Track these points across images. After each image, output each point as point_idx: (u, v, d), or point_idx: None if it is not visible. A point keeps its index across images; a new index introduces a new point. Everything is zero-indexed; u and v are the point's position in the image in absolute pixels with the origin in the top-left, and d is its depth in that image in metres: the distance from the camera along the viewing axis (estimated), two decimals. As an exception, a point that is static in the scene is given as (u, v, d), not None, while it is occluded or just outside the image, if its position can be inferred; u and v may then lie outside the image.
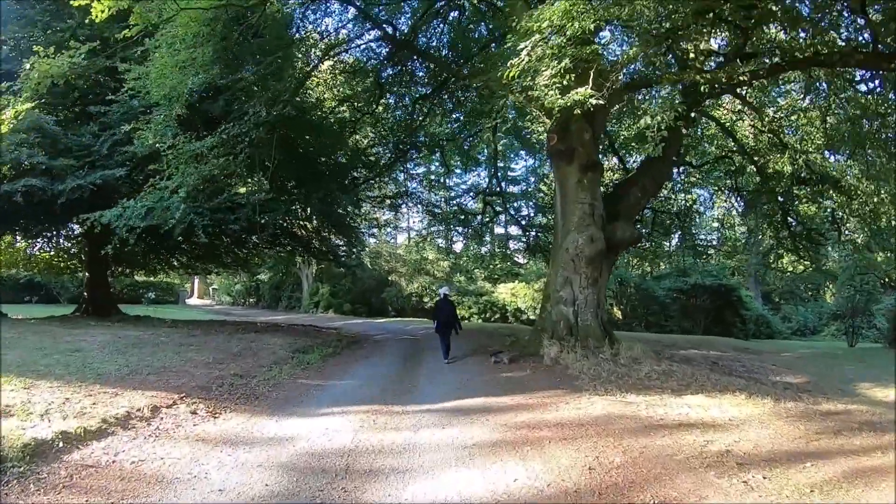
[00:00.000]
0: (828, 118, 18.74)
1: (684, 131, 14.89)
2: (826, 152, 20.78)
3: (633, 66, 15.16)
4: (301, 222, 24.28)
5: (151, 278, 43.30)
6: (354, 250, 28.18)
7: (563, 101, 9.96)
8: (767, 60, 13.79)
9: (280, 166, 19.46)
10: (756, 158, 20.91)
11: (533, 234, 25.94)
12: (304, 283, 45.78)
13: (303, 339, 17.72)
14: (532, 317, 37.52)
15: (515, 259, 38.11)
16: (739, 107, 21.91)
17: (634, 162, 22.75)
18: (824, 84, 17.68)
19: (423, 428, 7.96)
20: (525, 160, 30.87)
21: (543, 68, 10.13)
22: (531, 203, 26.91)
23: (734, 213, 26.26)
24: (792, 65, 13.93)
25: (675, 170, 21.71)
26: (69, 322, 19.60)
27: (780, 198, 21.30)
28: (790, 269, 43.92)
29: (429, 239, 40.75)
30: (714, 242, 34.24)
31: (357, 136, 22.59)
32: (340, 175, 20.62)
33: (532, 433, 7.69)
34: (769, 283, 45.02)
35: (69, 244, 27.13)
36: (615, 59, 14.56)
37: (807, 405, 9.82)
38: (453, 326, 14.68)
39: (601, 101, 10.64)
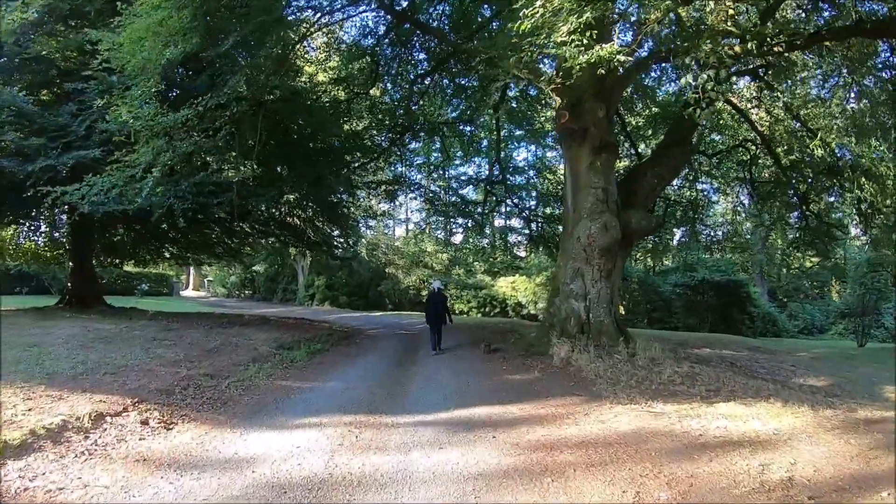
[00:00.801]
0: (850, 104, 17.32)
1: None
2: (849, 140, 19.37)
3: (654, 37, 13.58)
4: (293, 210, 23.01)
5: (144, 269, 42.26)
6: (349, 241, 26.75)
7: (586, 58, 8.42)
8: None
9: (267, 148, 18.03)
10: (777, 148, 19.49)
11: (536, 224, 24.23)
12: (300, 276, 44.29)
13: (290, 334, 16.27)
14: (533, 311, 36.09)
15: (516, 252, 36.43)
16: (754, 94, 20.42)
17: (645, 151, 21.17)
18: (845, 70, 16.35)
19: (416, 448, 6.47)
20: (528, 149, 29.01)
21: (560, 23, 8.56)
22: (534, 193, 25.18)
23: (744, 206, 24.60)
24: (833, 34, 12.37)
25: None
26: (45, 314, 18.13)
27: (800, 189, 19.84)
28: (796, 265, 42.91)
29: (427, 231, 39.16)
30: (722, 237, 32.54)
31: (352, 119, 20.93)
32: (333, 158, 19.01)
33: (551, 457, 6.20)
34: (774, 279, 43.62)
35: (57, 233, 25.64)
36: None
37: (844, 413, 8.65)
38: (444, 318, 14.67)
39: (629, 59, 9.11)
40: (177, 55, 12.80)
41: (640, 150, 20.19)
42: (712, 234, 24.10)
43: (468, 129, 23.92)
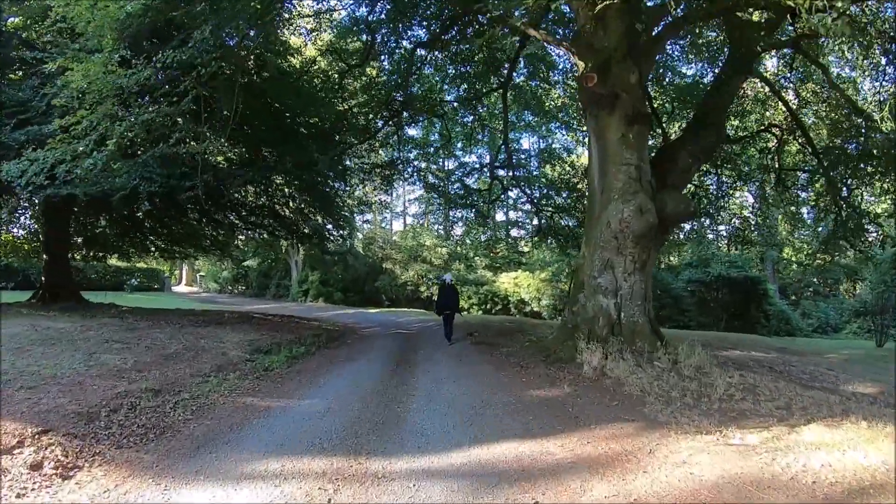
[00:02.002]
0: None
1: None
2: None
3: None
4: (280, 198, 21.12)
5: (135, 264, 40.64)
6: (342, 233, 24.58)
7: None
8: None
9: (250, 128, 15.84)
10: (812, 131, 17.44)
11: (545, 215, 21.83)
12: (293, 271, 42.07)
13: (272, 335, 14.05)
14: (536, 308, 34.11)
15: (521, 246, 34.33)
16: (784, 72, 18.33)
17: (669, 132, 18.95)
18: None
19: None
20: (537, 133, 26.34)
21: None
22: (542, 180, 22.79)
23: (769, 196, 22.33)
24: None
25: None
26: (5, 310, 15.87)
27: (838, 177, 17.72)
28: (808, 262, 40.80)
29: (426, 224, 36.96)
30: (735, 229, 30.23)
31: (344, 97, 18.59)
32: (322, 140, 16.72)
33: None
34: (785, 276, 41.52)
35: (29, 222, 23.62)
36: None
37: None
38: (455, 311, 15.03)
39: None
40: (137, 9, 10.49)
41: (665, 130, 17.88)
42: (736, 225, 21.73)
43: (469, 117, 21.77)
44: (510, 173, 21.02)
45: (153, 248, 24.80)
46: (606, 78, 11.22)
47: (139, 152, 13.28)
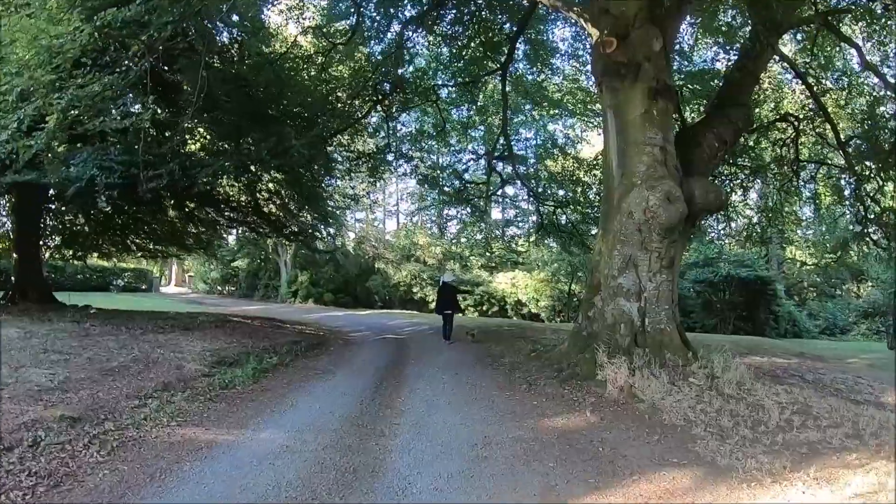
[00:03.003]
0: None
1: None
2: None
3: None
4: (263, 192, 19.54)
5: (123, 264, 38.68)
6: (329, 231, 22.87)
7: None
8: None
9: (221, 109, 14.07)
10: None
11: (546, 209, 19.98)
12: (282, 271, 40.18)
13: (244, 342, 12.33)
14: (535, 310, 32.49)
15: (518, 244, 32.62)
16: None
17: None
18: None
19: None
20: (535, 126, 24.37)
21: None
22: (544, 172, 20.98)
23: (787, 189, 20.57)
24: None
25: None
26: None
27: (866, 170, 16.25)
28: (812, 261, 39.24)
29: (419, 223, 35.26)
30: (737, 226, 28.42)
31: (327, 79, 16.76)
32: (301, 122, 14.91)
33: None
34: (788, 276, 39.84)
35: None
36: None
37: None
38: (455, 309, 15.20)
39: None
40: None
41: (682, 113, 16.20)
42: (752, 221, 19.96)
43: (465, 105, 20.01)
44: (509, 166, 19.24)
45: (134, 248, 23.21)
46: (626, 44, 9.61)
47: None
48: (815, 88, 16.49)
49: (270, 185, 19.55)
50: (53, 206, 19.14)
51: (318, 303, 36.13)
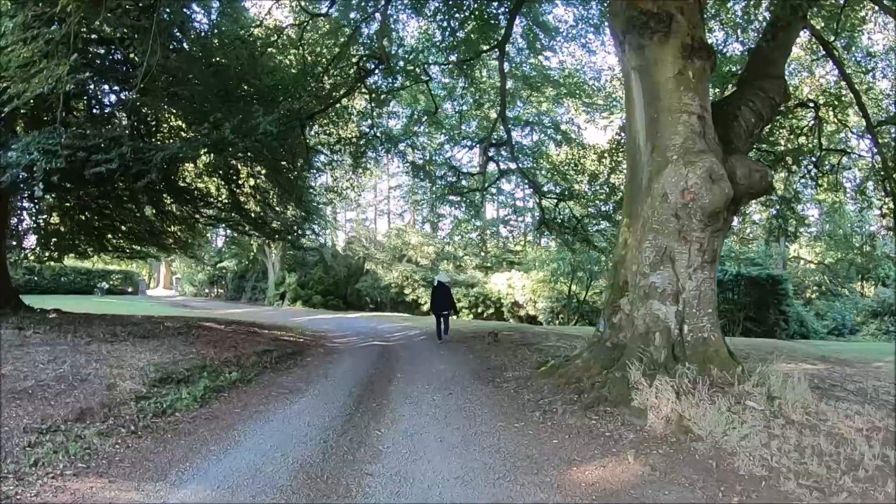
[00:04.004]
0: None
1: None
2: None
3: None
4: (240, 185, 17.68)
5: (108, 266, 37.64)
6: (314, 227, 21.00)
7: None
8: None
9: (184, 86, 12.25)
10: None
11: (550, 202, 18.01)
12: (270, 272, 38.24)
13: (203, 353, 10.40)
14: (532, 312, 30.63)
15: (514, 244, 30.87)
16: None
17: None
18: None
19: None
20: (535, 106, 22.02)
21: None
22: (546, 162, 19.04)
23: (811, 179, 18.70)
24: None
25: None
26: None
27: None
28: (819, 259, 37.61)
29: (411, 220, 33.39)
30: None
31: (304, 55, 14.78)
32: (273, 102, 12.95)
33: None
34: (793, 275, 38.16)
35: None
36: None
37: None
38: (449, 310, 15.10)
39: None
40: None
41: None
42: (775, 214, 18.09)
43: (457, 92, 18.14)
44: (507, 157, 17.31)
45: (111, 248, 21.40)
46: (656, -5, 7.80)
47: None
48: (836, 73, 15.09)
49: (251, 180, 17.89)
50: (26, 206, 17.56)
51: (307, 305, 34.36)
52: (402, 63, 15.39)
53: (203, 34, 13.78)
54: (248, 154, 13.99)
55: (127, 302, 32.74)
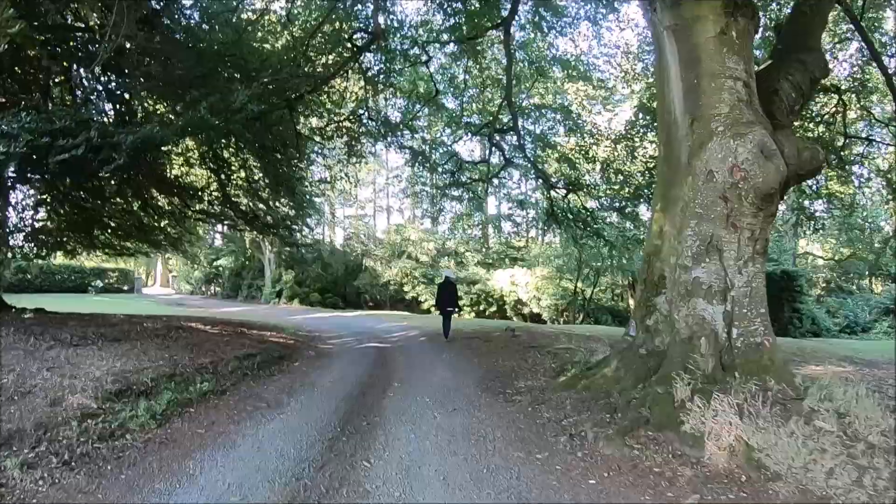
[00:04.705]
0: None
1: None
2: None
3: None
4: (229, 176, 16.62)
5: (106, 264, 37.40)
6: (308, 222, 19.80)
7: None
8: None
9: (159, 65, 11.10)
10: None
11: (558, 193, 16.67)
12: (266, 270, 36.97)
13: (176, 359, 9.17)
14: (536, 310, 29.38)
15: (518, 240, 29.61)
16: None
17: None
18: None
19: None
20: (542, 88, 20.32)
21: None
22: (554, 152, 17.67)
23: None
24: None
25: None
26: None
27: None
28: (831, 255, 36.50)
29: (410, 215, 32.18)
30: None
31: (292, 32, 13.50)
32: (259, 81, 11.70)
33: None
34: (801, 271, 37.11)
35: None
36: None
37: None
38: (454, 306, 14.81)
39: None
40: None
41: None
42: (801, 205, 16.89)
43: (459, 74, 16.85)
44: (514, 140, 15.98)
45: (99, 245, 20.30)
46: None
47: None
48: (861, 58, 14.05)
49: (242, 172, 16.79)
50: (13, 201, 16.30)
51: (304, 303, 33.17)
52: (398, 40, 14.08)
53: (185, 12, 12.63)
54: (232, 139, 12.77)
55: (120, 300, 31.56)
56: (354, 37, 12.90)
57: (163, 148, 13.25)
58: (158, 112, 14.04)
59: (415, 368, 9.92)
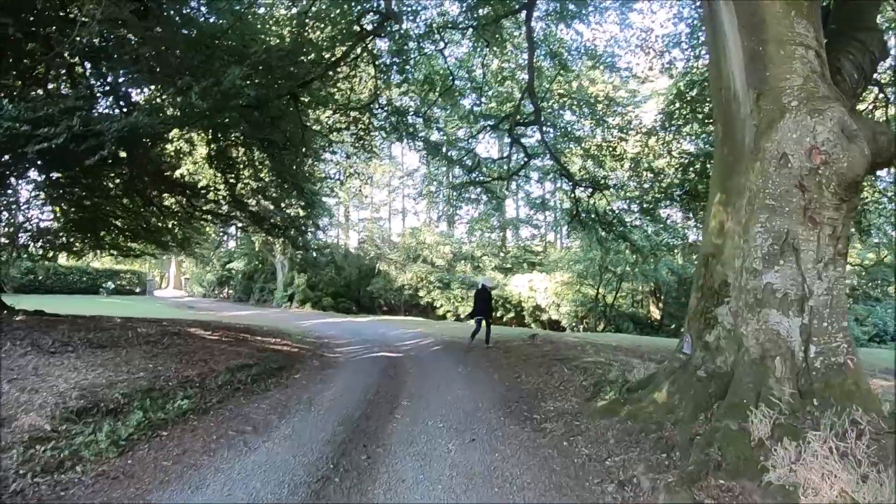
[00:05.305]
0: None
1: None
2: None
3: None
4: (236, 175, 15.83)
5: (119, 266, 38.51)
6: (318, 223, 18.86)
7: None
8: None
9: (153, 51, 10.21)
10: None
11: (585, 192, 15.44)
12: (279, 273, 36.12)
13: (160, 370, 8.18)
14: (555, 316, 28.26)
15: (536, 244, 28.51)
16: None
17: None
18: None
19: None
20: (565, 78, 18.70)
21: None
22: (578, 147, 16.40)
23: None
24: None
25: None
26: None
27: None
28: (858, 261, 34.93)
29: (425, 218, 31.21)
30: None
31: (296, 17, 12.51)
32: (260, 67, 10.69)
33: None
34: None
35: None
36: None
37: None
38: (488, 315, 14.17)
39: None
40: None
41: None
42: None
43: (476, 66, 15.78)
44: (537, 133, 14.83)
45: (106, 246, 19.60)
46: None
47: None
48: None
49: (247, 171, 16.02)
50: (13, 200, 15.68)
51: (316, 308, 32.28)
52: (411, 23, 13.02)
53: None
54: (234, 133, 11.82)
55: (129, 303, 30.85)
56: (364, 20, 11.83)
57: (159, 140, 12.40)
58: (154, 103, 13.23)
59: (427, 383, 8.85)
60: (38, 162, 10.64)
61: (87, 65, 12.71)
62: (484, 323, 13.94)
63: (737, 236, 5.39)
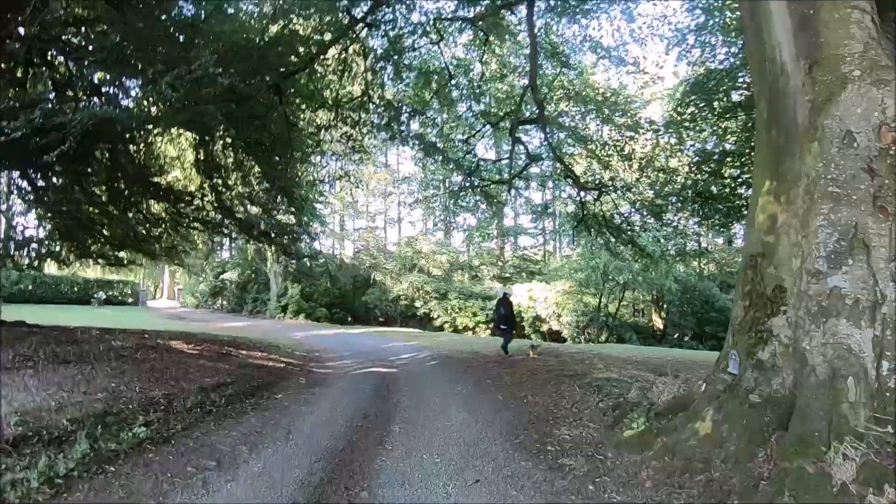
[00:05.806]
0: None
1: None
2: None
3: None
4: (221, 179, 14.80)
5: (112, 276, 36.12)
6: (308, 230, 18.01)
7: None
8: None
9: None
10: None
11: (591, 195, 14.52)
12: (272, 284, 35.23)
13: (122, 389, 7.33)
14: (556, 326, 27.46)
15: (535, 252, 27.72)
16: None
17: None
18: None
19: None
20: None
21: None
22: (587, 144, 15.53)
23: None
24: None
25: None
26: None
27: None
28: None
29: (422, 227, 30.49)
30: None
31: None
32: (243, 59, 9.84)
33: None
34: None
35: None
36: None
37: None
38: (510, 324, 14.29)
39: None
40: None
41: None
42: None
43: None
44: (539, 132, 14.00)
45: (93, 254, 18.86)
46: None
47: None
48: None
49: (234, 175, 15.05)
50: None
51: (310, 319, 31.47)
52: (405, 8, 12.14)
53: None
54: (211, 128, 10.98)
55: (119, 313, 29.93)
56: (354, 9, 10.96)
57: (135, 136, 11.52)
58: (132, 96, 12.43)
59: (423, 405, 7.90)
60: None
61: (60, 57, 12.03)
62: (502, 333, 14.17)
63: (793, 232, 4.50)
